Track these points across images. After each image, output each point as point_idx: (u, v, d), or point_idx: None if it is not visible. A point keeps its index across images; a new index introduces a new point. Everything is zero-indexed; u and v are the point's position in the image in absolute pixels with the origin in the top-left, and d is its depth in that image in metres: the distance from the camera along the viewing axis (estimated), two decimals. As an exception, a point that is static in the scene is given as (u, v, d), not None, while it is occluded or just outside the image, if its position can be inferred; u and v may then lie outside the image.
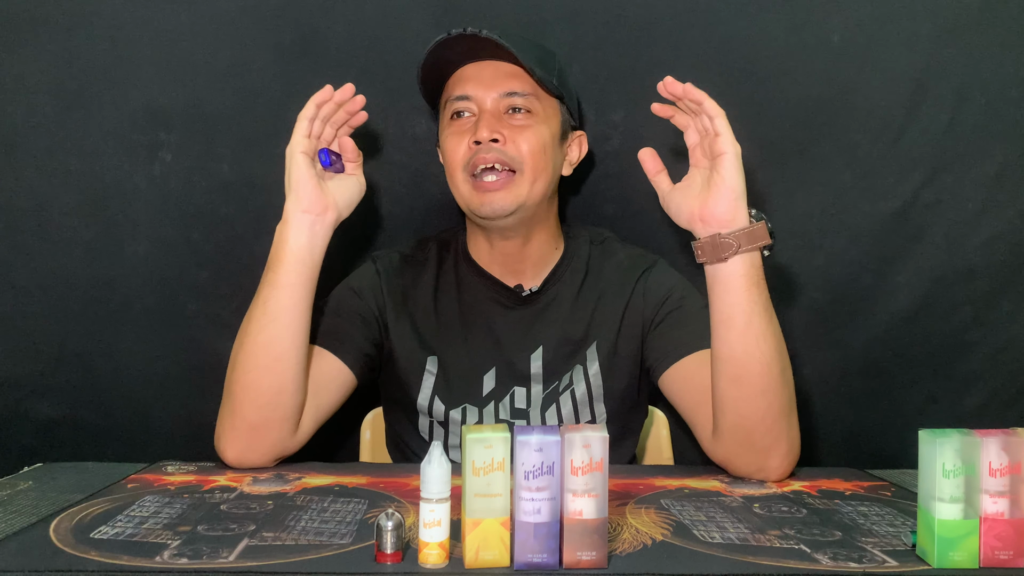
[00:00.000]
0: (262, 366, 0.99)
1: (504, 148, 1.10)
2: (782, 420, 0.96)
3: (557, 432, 0.68)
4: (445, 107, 1.17)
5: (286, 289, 0.99)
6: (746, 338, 0.93)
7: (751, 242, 0.92)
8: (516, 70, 1.13)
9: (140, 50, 1.29)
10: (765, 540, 0.77)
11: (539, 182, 1.13)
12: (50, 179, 1.30)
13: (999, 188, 1.35)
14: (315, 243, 1.01)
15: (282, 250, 1.00)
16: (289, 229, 1.00)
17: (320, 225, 1.01)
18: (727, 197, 0.93)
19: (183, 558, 0.70)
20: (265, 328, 0.99)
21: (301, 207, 1.00)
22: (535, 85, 1.14)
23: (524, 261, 1.19)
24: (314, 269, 1.02)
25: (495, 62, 1.14)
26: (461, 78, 1.15)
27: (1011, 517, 0.70)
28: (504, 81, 1.13)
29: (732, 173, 0.93)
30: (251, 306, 1.01)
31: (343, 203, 1.04)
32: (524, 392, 1.16)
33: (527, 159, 1.11)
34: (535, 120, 1.13)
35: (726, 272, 0.93)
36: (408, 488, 0.93)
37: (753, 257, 0.93)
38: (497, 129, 1.10)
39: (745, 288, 0.93)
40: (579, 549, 0.68)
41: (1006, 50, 1.33)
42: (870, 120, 1.34)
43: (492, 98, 1.13)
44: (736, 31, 1.33)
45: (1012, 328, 1.39)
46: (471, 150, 1.11)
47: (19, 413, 1.34)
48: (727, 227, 0.93)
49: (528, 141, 1.11)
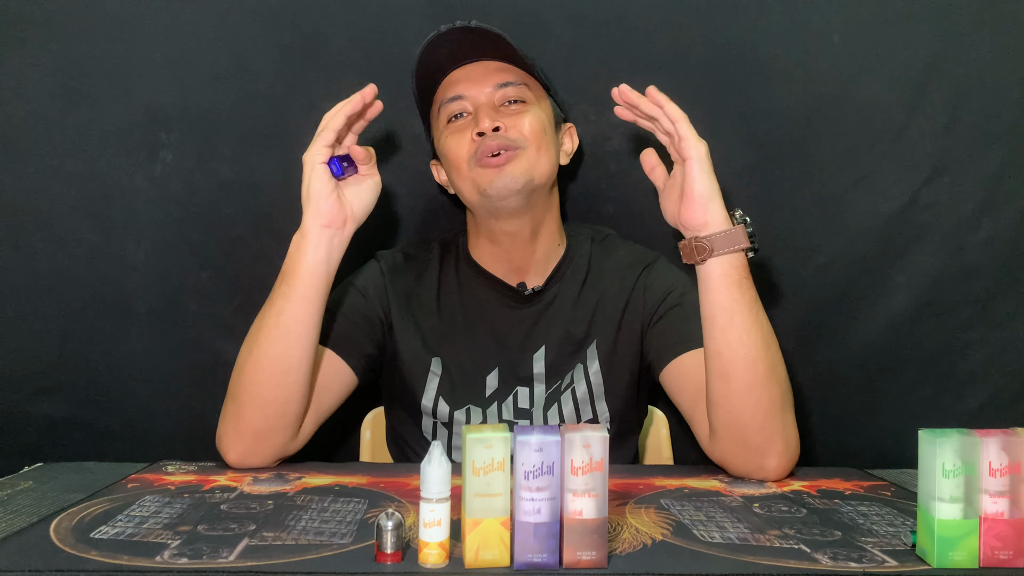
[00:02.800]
0: (270, 378, 0.99)
1: (506, 134, 1.10)
2: (774, 418, 0.96)
3: (557, 432, 0.68)
4: (439, 113, 1.17)
5: (301, 303, 0.99)
6: (728, 335, 0.95)
7: (727, 245, 0.94)
8: (504, 65, 1.14)
9: (140, 50, 1.29)
10: (765, 540, 0.77)
11: (543, 159, 1.13)
12: (50, 179, 1.30)
13: (999, 188, 1.35)
14: (332, 256, 1.01)
15: (299, 263, 0.99)
16: (308, 243, 0.99)
17: (339, 239, 1.01)
18: (697, 203, 0.95)
19: (183, 558, 0.70)
20: (277, 341, 0.99)
21: (321, 222, 0.99)
22: (524, 75, 1.15)
23: (528, 259, 1.19)
24: (329, 282, 1.01)
25: (482, 62, 1.15)
26: (451, 82, 1.16)
27: (1011, 517, 0.70)
28: (495, 75, 1.14)
29: (700, 178, 0.94)
30: (261, 314, 1.01)
31: (360, 211, 1.03)
32: (527, 392, 1.16)
33: (530, 137, 1.12)
34: (530, 106, 1.14)
35: (705, 272, 0.96)
36: (408, 488, 0.93)
37: (732, 258, 0.95)
38: (497, 118, 1.11)
39: (725, 287, 0.95)
40: (579, 549, 0.69)
41: (1006, 50, 1.33)
42: (870, 120, 1.34)
43: (486, 93, 1.13)
44: (736, 31, 1.33)
45: (1012, 328, 1.38)
46: (474, 143, 1.11)
47: (19, 413, 1.34)
48: (702, 230, 0.95)
49: (529, 122, 1.12)
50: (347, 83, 1.31)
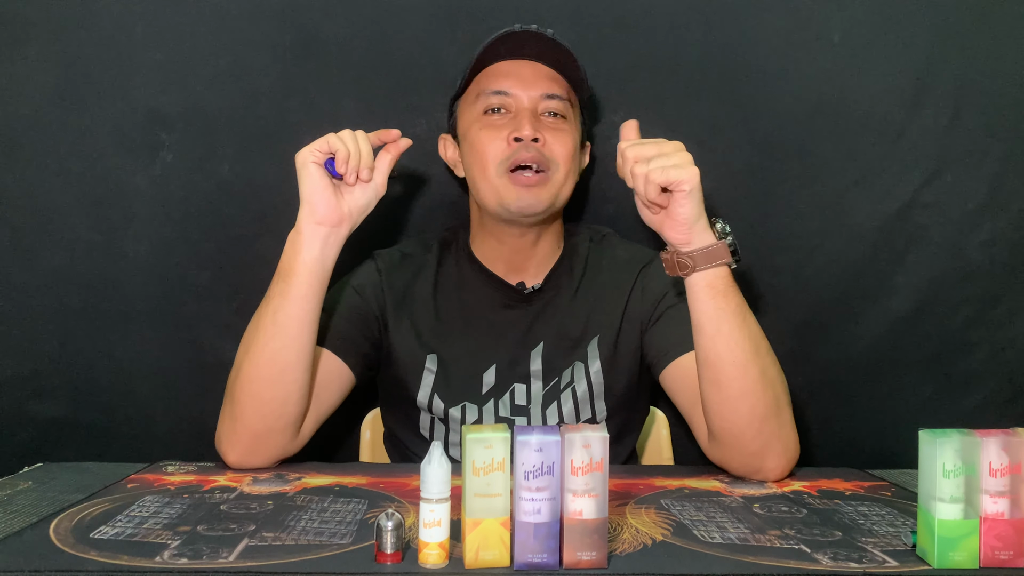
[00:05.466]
0: (268, 377, 0.99)
1: (542, 149, 1.10)
2: (770, 422, 0.96)
3: (557, 432, 0.68)
4: (476, 100, 1.15)
5: (297, 301, 0.98)
6: (716, 343, 0.95)
7: (709, 261, 0.93)
8: (553, 74, 1.14)
9: (140, 50, 1.29)
10: (765, 540, 0.77)
11: (567, 184, 1.14)
12: (50, 179, 1.30)
13: (999, 188, 1.35)
14: (327, 254, 1.00)
15: (295, 261, 0.99)
16: (303, 240, 0.99)
17: (334, 237, 1.00)
18: (681, 227, 0.93)
19: (183, 558, 0.70)
20: (273, 339, 0.98)
21: (315, 219, 0.99)
22: (569, 91, 1.15)
23: (529, 260, 1.20)
24: (325, 280, 1.01)
25: (533, 63, 1.14)
26: (498, 73, 1.14)
27: (1011, 517, 0.70)
28: (544, 83, 1.13)
29: (687, 207, 0.91)
30: (257, 314, 1.01)
31: (357, 211, 1.02)
32: (524, 389, 1.16)
33: (561, 162, 1.12)
34: (568, 125, 1.14)
35: (690, 284, 0.95)
36: (408, 488, 0.93)
37: (716, 270, 0.94)
38: (538, 129, 1.10)
39: (710, 298, 0.94)
40: (579, 549, 0.68)
41: (1006, 50, 1.33)
42: (870, 120, 1.34)
43: (531, 97, 1.13)
44: (736, 31, 1.33)
45: (1012, 328, 1.39)
46: (511, 147, 1.10)
47: (19, 413, 1.34)
48: (684, 247, 0.94)
49: (563, 144, 1.12)
50: (347, 83, 1.33)
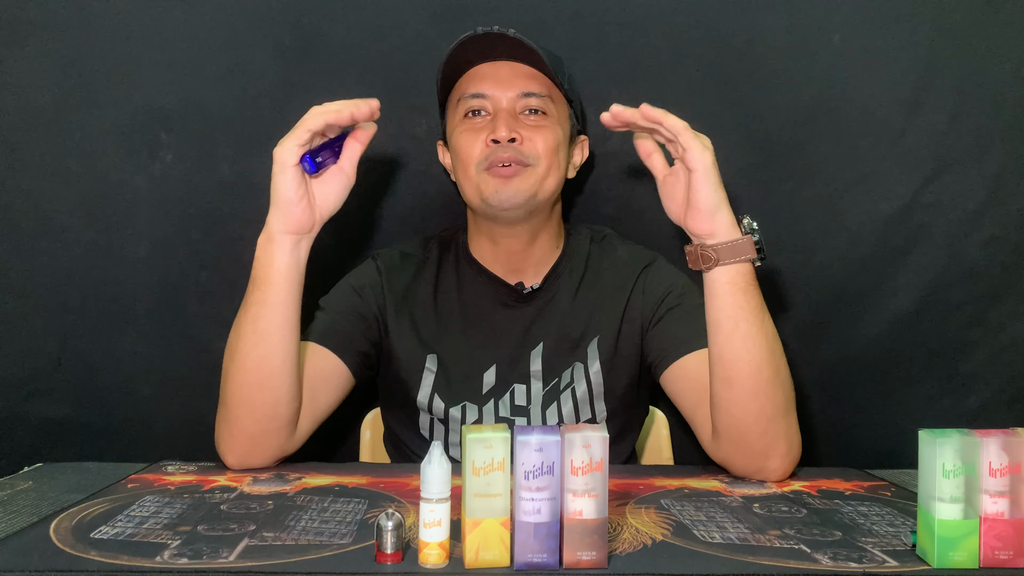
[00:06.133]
0: (256, 382, 0.99)
1: (520, 147, 1.10)
2: (777, 422, 0.96)
3: (557, 432, 0.68)
4: (457, 104, 1.16)
5: (276, 308, 0.98)
6: (733, 341, 0.94)
7: (733, 256, 0.93)
8: (532, 71, 1.13)
9: (140, 50, 1.29)
10: (765, 540, 0.77)
11: (550, 178, 1.13)
12: (50, 179, 1.30)
13: (999, 188, 1.35)
14: (300, 258, 0.99)
15: (268, 269, 0.97)
16: (274, 248, 0.97)
17: (306, 241, 0.99)
18: (703, 214, 0.93)
19: (183, 558, 0.70)
20: (256, 346, 0.98)
21: (286, 228, 0.96)
22: (550, 86, 1.14)
23: (527, 260, 1.19)
24: (300, 283, 0.99)
25: (511, 63, 1.14)
26: (476, 76, 1.15)
27: (1011, 517, 0.70)
28: (521, 81, 1.13)
29: (705, 189, 0.91)
30: (238, 321, 0.99)
31: (328, 211, 1.00)
32: (524, 389, 1.16)
33: (542, 156, 1.12)
34: (549, 121, 1.14)
35: (711, 279, 0.94)
36: (408, 488, 0.93)
37: (739, 266, 0.94)
38: (515, 129, 1.10)
39: (731, 294, 0.94)
40: (579, 549, 0.68)
41: (1006, 50, 1.33)
42: (870, 120, 1.34)
43: (508, 97, 1.13)
44: (736, 31, 1.33)
45: (1012, 328, 1.38)
46: (488, 148, 1.11)
47: (19, 413, 1.34)
48: (708, 239, 0.93)
49: (544, 139, 1.12)
50: (347, 83, 1.32)
